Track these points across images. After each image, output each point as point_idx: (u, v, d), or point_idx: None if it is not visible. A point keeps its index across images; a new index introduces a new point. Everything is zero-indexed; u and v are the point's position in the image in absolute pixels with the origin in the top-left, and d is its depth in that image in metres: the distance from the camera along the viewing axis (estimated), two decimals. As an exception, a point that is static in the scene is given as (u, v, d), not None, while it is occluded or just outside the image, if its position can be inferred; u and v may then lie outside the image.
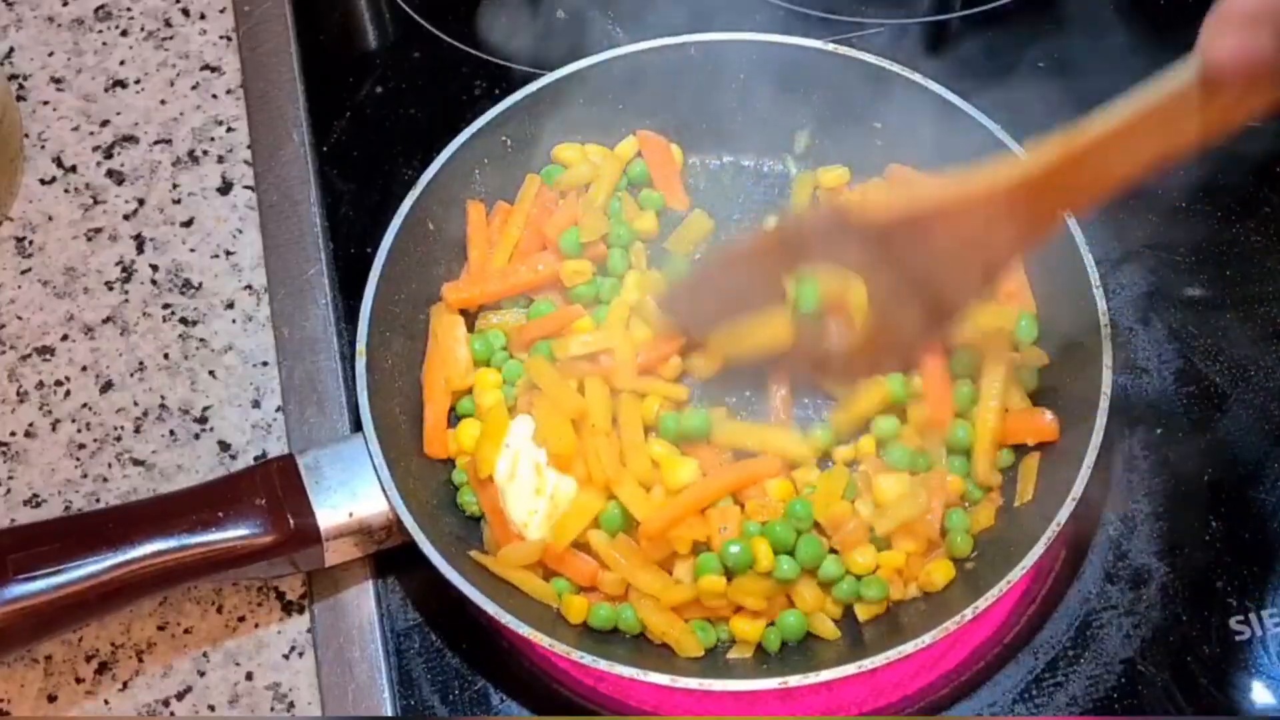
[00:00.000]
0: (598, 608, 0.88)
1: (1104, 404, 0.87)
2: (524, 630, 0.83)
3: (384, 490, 0.87)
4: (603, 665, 0.82)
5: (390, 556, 0.91)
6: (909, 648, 0.81)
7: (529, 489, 0.90)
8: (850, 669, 0.81)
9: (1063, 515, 0.84)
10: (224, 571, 0.85)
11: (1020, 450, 0.93)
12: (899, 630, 0.86)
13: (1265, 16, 0.67)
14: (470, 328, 0.98)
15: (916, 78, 0.99)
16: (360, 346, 0.92)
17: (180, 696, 0.89)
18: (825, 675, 0.81)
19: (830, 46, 1.00)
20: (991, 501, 0.91)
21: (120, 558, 0.83)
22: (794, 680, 0.81)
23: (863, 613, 0.88)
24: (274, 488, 0.87)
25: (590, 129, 1.04)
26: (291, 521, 0.86)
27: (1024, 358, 0.94)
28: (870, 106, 1.00)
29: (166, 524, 0.84)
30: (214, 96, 1.13)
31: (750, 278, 0.90)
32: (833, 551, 0.88)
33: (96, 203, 1.08)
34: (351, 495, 0.87)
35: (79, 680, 0.90)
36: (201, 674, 0.90)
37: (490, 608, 0.83)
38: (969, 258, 0.83)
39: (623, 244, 0.99)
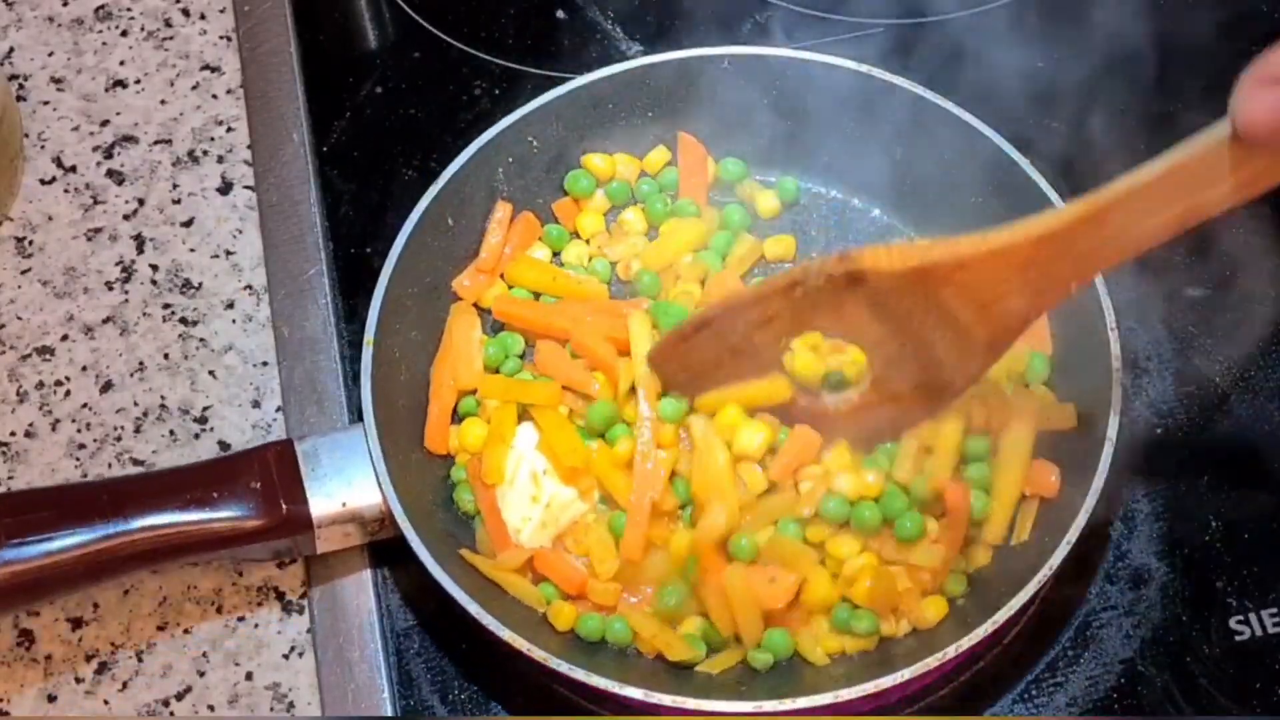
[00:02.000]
0: (586, 618, 0.87)
1: (1108, 449, 0.85)
2: (504, 633, 0.82)
3: (378, 482, 0.87)
4: (579, 674, 0.81)
5: (391, 557, 0.91)
6: (887, 682, 0.80)
7: (525, 496, 0.90)
8: (826, 698, 0.80)
9: (1055, 560, 0.82)
10: (214, 551, 0.86)
11: None
12: (885, 661, 0.85)
13: None
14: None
15: (950, 106, 0.97)
16: (369, 336, 0.91)
17: (180, 696, 0.89)
18: (802, 702, 0.80)
19: (866, 69, 0.98)
20: (988, 542, 0.89)
21: (111, 529, 0.83)
22: (769, 705, 0.80)
23: (851, 646, 0.87)
24: (270, 472, 0.87)
25: (619, 136, 1.03)
26: (284, 507, 0.86)
27: (1050, 419, 0.90)
28: (898, 130, 0.99)
29: (160, 499, 0.85)
30: (214, 96, 1.13)
31: (748, 337, 0.86)
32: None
33: (96, 203, 1.08)
34: (346, 484, 0.87)
35: (79, 680, 0.90)
36: (201, 674, 0.90)
37: (473, 608, 0.83)
38: (978, 321, 0.80)
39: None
